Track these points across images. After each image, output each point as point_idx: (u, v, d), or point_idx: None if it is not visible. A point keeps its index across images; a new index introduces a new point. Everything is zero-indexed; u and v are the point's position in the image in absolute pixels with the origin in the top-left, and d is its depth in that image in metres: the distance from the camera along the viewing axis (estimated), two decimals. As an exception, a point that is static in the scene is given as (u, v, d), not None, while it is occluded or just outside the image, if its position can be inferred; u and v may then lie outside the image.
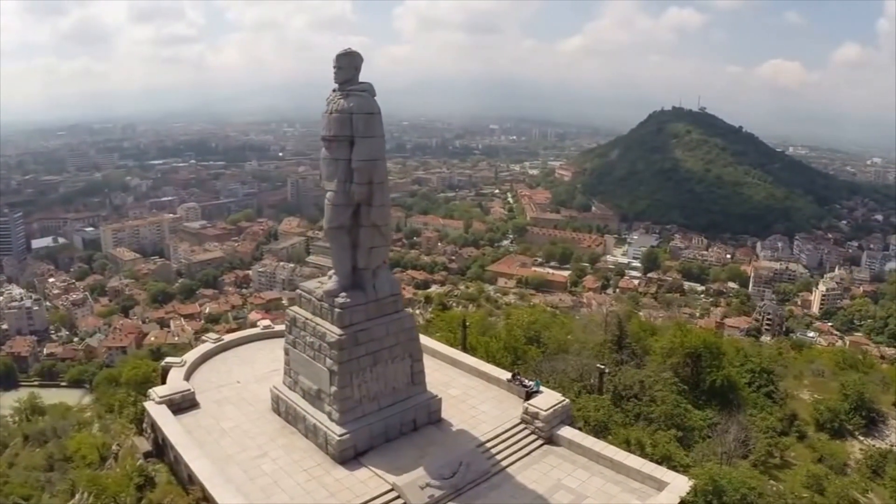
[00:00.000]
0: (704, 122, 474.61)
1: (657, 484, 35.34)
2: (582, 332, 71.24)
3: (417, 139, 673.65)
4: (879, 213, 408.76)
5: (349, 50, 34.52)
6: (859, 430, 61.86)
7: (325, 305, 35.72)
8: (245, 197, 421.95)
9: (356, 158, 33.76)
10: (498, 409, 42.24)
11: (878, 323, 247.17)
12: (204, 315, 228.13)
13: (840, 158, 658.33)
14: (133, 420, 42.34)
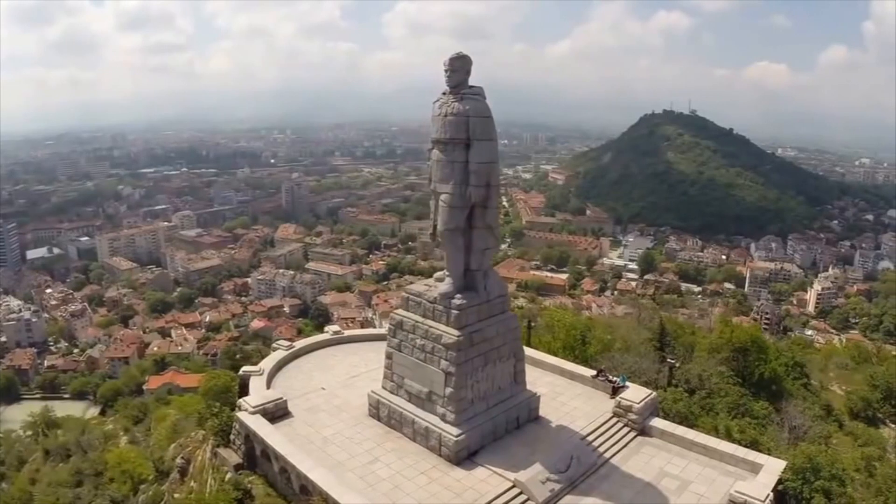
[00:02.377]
0: (695, 124, 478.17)
1: (751, 466, 36.66)
2: (626, 332, 73.15)
3: (408, 144, 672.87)
4: (870, 213, 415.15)
5: (461, 53, 34.73)
6: (890, 418, 64.33)
7: (438, 308, 35.99)
8: (239, 204, 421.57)
9: (475, 161, 34.08)
10: (588, 404, 43.18)
11: (874, 320, 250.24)
12: (205, 324, 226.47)
13: (829, 159, 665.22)
14: (217, 432, 41.62)
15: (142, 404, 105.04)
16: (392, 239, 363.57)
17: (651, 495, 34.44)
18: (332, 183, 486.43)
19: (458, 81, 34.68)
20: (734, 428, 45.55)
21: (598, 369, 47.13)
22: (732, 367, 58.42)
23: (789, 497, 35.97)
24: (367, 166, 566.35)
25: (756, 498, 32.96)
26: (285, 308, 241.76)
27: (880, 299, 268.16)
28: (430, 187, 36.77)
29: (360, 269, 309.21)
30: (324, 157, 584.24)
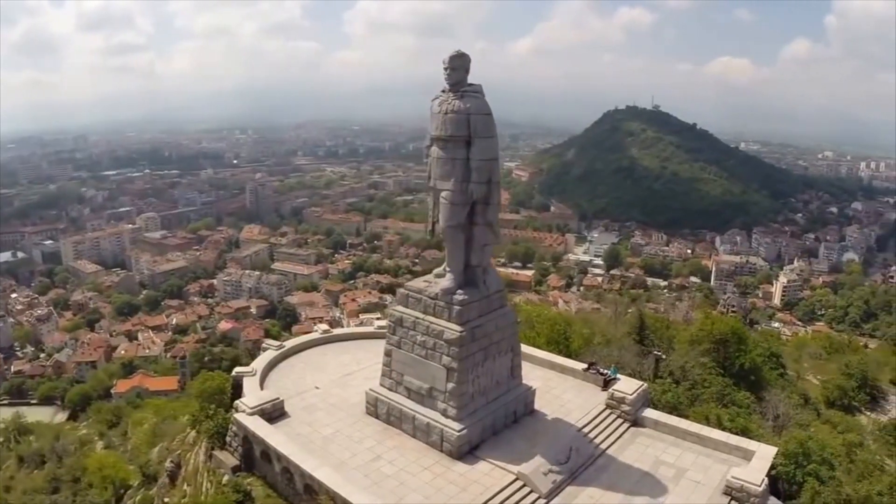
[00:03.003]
0: (659, 120, 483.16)
1: (743, 453, 37.86)
2: (604, 326, 74.27)
3: (370, 143, 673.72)
4: (834, 206, 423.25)
5: (461, 52, 34.87)
6: (864, 406, 66.24)
7: (439, 304, 36.20)
8: (203, 205, 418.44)
9: (476, 158, 34.36)
10: (580, 397, 43.93)
11: (839, 312, 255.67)
12: (171, 326, 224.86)
13: (792, 153, 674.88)
14: (213, 434, 41.15)
15: (115, 408, 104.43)
16: (357, 238, 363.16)
17: (650, 484, 35.24)
18: (295, 183, 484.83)
19: (458, 79, 34.87)
20: (724, 416, 46.76)
21: (588, 362, 47.90)
22: (713, 359, 59.46)
23: (782, 481, 37.04)
24: (330, 166, 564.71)
25: (752, 483, 34.12)
26: (252, 309, 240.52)
27: (845, 291, 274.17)
28: (429, 184, 36.92)
29: (326, 268, 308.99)
30: (286, 157, 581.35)
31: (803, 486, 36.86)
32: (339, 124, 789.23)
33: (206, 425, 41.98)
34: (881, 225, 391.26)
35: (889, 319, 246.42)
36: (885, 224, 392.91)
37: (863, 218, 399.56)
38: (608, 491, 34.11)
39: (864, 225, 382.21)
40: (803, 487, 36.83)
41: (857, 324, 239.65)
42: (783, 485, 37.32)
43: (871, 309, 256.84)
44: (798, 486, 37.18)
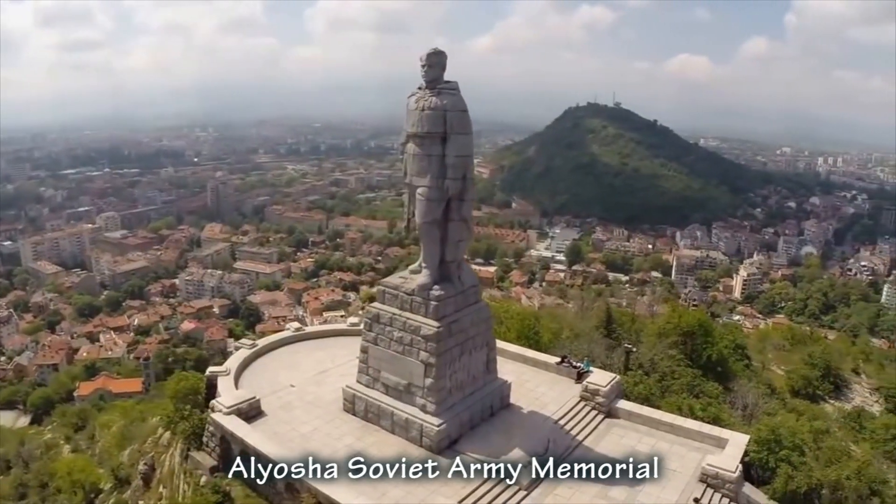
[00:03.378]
0: (619, 116, 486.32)
1: (717, 441, 39.03)
2: (572, 321, 75.03)
3: (331, 140, 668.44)
4: (792, 201, 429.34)
5: (438, 49, 35.18)
6: (828, 394, 67.83)
7: (416, 299, 36.37)
8: (164, 204, 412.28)
9: (452, 154, 34.60)
10: (554, 390, 44.51)
11: (798, 304, 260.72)
12: (133, 327, 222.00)
13: (751, 149, 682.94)
14: (189, 435, 40.80)
15: (81, 411, 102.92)
16: (319, 236, 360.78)
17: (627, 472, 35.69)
18: (256, 181, 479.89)
19: (435, 76, 35.15)
20: (697, 406, 47.66)
21: (561, 356, 48.50)
22: (681, 351, 60.33)
23: (755, 467, 38.04)
24: (291, 163, 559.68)
25: (727, 469, 35.30)
26: (215, 308, 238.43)
27: (804, 284, 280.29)
28: (405, 180, 37.27)
29: (289, 266, 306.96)
30: (247, 155, 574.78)
31: (776, 472, 37.77)
32: (299, 121, 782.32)
33: (181, 426, 41.61)
34: (839, 219, 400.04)
35: (847, 311, 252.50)
36: (842, 218, 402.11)
37: (820, 212, 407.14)
38: (586, 481, 34.54)
39: (821, 219, 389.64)
40: (777, 473, 37.73)
41: (817, 316, 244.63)
42: (756, 471, 38.25)
43: (829, 301, 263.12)
44: (771, 472, 38.10)
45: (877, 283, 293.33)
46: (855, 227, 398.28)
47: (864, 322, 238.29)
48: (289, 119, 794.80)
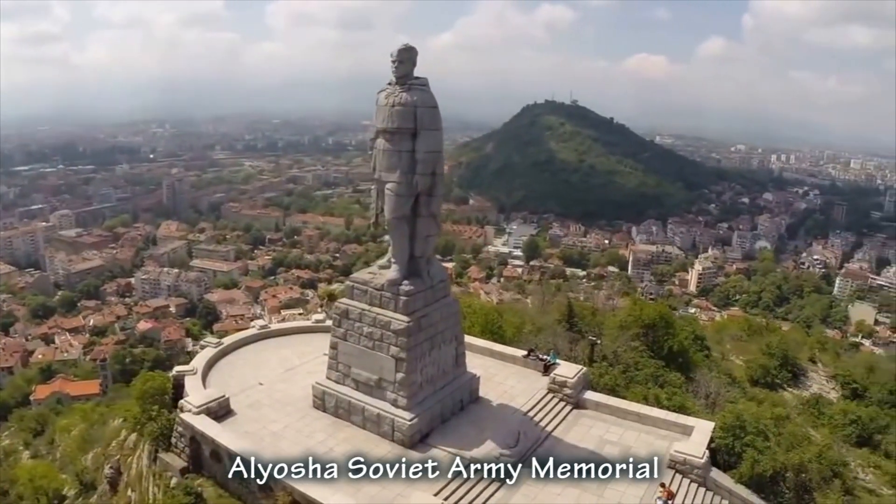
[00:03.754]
0: (577, 114, 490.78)
1: (683, 429, 40.02)
2: (534, 315, 75.71)
3: (289, 137, 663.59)
4: (746, 197, 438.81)
5: (409, 45, 35.30)
6: (787, 383, 69.40)
7: (385, 295, 36.52)
8: (119, 202, 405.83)
9: (422, 150, 34.87)
10: (522, 383, 44.96)
11: (753, 297, 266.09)
12: (89, 328, 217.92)
13: (705, 146, 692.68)
14: (157, 436, 40.09)
15: (39, 416, 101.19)
16: (276, 233, 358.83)
17: (597, 461, 36.04)
18: (213, 178, 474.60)
19: (405, 72, 35.25)
20: (662, 395, 48.64)
21: (528, 349, 49.08)
22: (643, 342, 61.19)
23: (721, 453, 39.03)
24: (248, 160, 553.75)
25: (694, 455, 36.35)
26: (171, 308, 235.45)
27: (759, 277, 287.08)
28: (374, 176, 37.36)
29: (246, 264, 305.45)
30: (204, 152, 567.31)
31: (742, 457, 38.75)
32: (257, 118, 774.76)
33: (149, 427, 40.99)
34: (791, 214, 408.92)
35: (800, 303, 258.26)
36: (795, 213, 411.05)
37: (774, 208, 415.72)
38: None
39: (775, 214, 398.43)
40: (742, 457, 38.71)
41: (771, 308, 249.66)
42: (723, 456, 39.21)
43: (783, 293, 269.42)
44: (737, 457, 39.10)
45: (829, 276, 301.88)
46: (807, 222, 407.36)
47: (816, 313, 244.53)
48: (247, 115, 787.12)
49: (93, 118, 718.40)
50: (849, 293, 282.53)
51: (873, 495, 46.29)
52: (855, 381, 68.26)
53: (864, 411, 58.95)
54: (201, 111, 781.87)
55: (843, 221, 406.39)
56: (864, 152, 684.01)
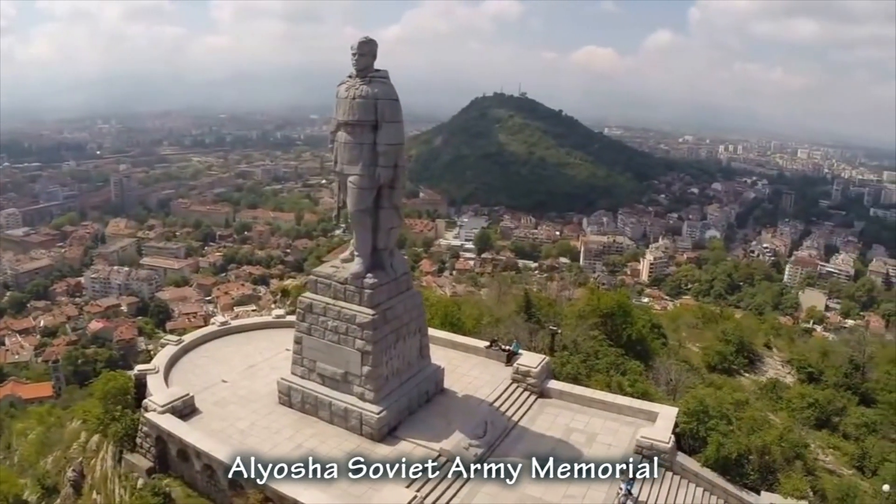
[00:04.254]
0: (525, 106, 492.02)
1: (647, 415, 40.91)
2: (491, 306, 76.16)
3: (237, 132, 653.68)
4: (695, 187, 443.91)
5: (369, 38, 35.30)
6: (743, 368, 70.90)
7: (349, 288, 36.47)
8: (66, 199, 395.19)
9: (383, 142, 34.86)
10: (486, 373, 45.39)
11: (704, 286, 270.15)
12: (40, 329, 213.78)
13: (653, 137, 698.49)
14: (122, 437, 39.25)
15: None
16: (227, 229, 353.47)
17: (565, 449, 37.14)
18: (161, 174, 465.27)
19: (366, 65, 35.27)
20: (625, 383, 49.30)
21: (490, 340, 49.47)
22: (602, 331, 61.86)
23: (686, 437, 39.74)
24: (196, 155, 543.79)
25: (660, 440, 37.16)
26: (123, 307, 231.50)
27: (709, 266, 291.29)
28: (335, 169, 37.09)
29: (197, 261, 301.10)
30: (151, 147, 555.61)
31: (707, 440, 39.47)
32: (204, 112, 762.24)
33: (113, 428, 40.16)
34: (740, 203, 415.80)
35: (752, 291, 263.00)
36: (743, 203, 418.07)
37: (723, 197, 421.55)
38: (527, 459, 34.57)
39: (724, 204, 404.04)
40: (707, 441, 39.42)
41: (722, 296, 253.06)
42: (688, 441, 39.89)
43: (734, 282, 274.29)
44: (701, 441, 39.84)
45: (779, 264, 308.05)
46: (756, 211, 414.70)
47: (768, 300, 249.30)
48: (194, 110, 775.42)
49: (37, 114, 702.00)
50: (799, 280, 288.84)
51: (834, 475, 47.75)
52: (810, 366, 69.75)
53: (820, 394, 60.46)
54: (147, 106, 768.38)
55: (792, 210, 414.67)
56: (810, 142, 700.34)
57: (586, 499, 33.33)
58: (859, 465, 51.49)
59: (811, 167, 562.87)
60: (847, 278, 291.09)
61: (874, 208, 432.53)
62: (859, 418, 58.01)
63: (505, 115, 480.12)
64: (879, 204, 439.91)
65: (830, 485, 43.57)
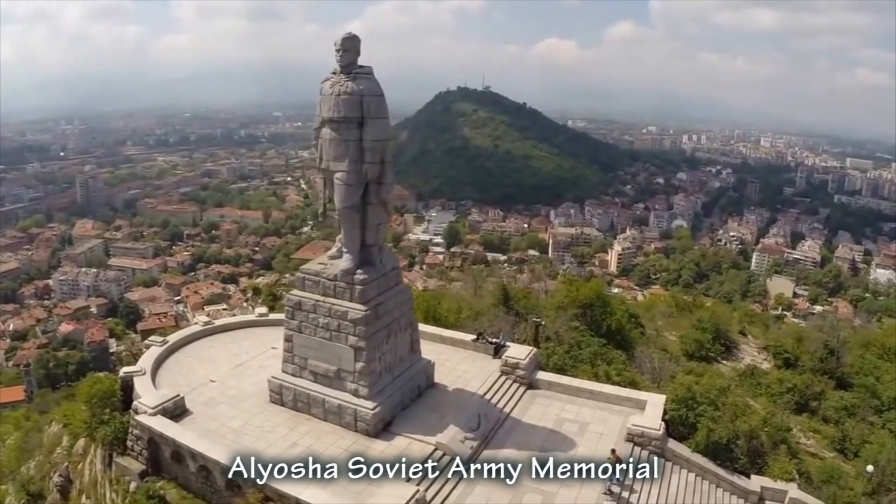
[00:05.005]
0: (489, 100, 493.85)
1: (636, 403, 41.62)
2: (470, 300, 76.59)
3: (201, 130, 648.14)
4: (660, 177, 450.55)
5: (352, 34, 35.40)
6: (720, 356, 71.97)
7: (340, 284, 36.44)
8: (31, 202, 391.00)
9: (369, 139, 34.85)
10: (475, 366, 45.63)
11: (673, 275, 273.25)
12: (9, 333, 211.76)
13: (617, 128, 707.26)
14: (112, 440, 38.56)
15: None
16: (194, 228, 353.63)
17: (557, 439, 37.62)
18: (126, 174, 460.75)
19: (350, 61, 35.26)
20: (612, 372, 49.86)
21: (477, 333, 49.79)
22: (582, 322, 62.41)
23: (675, 424, 40.51)
24: (161, 155, 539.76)
25: (651, 428, 37.89)
26: (92, 308, 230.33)
27: (677, 255, 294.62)
28: (320, 166, 37.05)
29: (165, 261, 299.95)
30: (116, 148, 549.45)
31: (697, 426, 40.19)
32: (168, 112, 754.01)
33: (102, 431, 39.57)
34: (706, 193, 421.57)
35: (720, 279, 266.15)
36: (709, 192, 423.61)
37: (688, 187, 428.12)
38: (521, 450, 35.82)
39: (689, 193, 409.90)
40: (697, 427, 40.15)
41: (691, 284, 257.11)
42: (676, 427, 40.59)
43: (702, 270, 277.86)
44: (690, 427, 40.59)
45: (746, 252, 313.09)
46: (722, 200, 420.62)
47: (736, 288, 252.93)
48: (157, 109, 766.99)
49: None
50: (766, 268, 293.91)
51: (816, 458, 48.88)
52: (786, 351, 70.58)
53: (798, 379, 61.31)
54: (110, 106, 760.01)
55: (757, 198, 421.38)
56: (772, 130, 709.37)
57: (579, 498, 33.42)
58: (840, 448, 52.50)
59: (774, 155, 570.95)
60: (814, 265, 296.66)
61: (838, 195, 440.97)
62: (838, 402, 58.94)
63: (469, 108, 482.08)
64: (843, 190, 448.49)
65: (814, 467, 44.72)
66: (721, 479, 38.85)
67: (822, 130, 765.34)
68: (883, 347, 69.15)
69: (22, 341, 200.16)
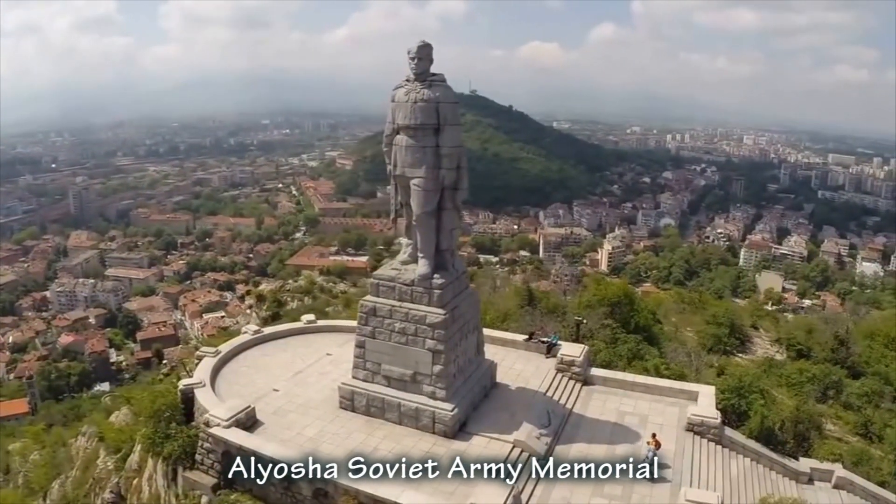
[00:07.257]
0: (476, 103, 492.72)
1: (689, 395, 43.54)
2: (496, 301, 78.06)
3: (190, 140, 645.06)
4: (646, 176, 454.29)
5: (426, 42, 36.28)
6: (736, 349, 74.25)
7: (416, 289, 37.07)
8: (25, 214, 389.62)
9: (446, 145, 35.73)
10: (531, 365, 47.06)
11: (663, 272, 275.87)
12: (9, 346, 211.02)
13: (602, 129, 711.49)
14: (179, 455, 37.79)
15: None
16: (188, 237, 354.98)
17: (623, 431, 39.36)
18: (118, 184, 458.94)
19: (424, 69, 36.21)
20: (661, 366, 51.87)
21: (529, 333, 51.22)
22: (615, 320, 64.31)
23: (729, 413, 42.89)
24: (152, 165, 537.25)
25: (710, 416, 39.99)
26: (91, 319, 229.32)
27: (666, 253, 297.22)
28: (395, 172, 37.54)
29: (161, 270, 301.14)
30: (107, 159, 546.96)
31: (749, 414, 42.59)
32: (157, 122, 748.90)
33: (168, 446, 38.61)
34: (692, 191, 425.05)
35: (710, 275, 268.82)
36: (695, 190, 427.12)
37: (674, 185, 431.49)
38: (592, 444, 37.50)
39: (676, 192, 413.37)
40: (749, 414, 42.53)
41: (681, 281, 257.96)
42: (728, 415, 42.68)
43: (692, 267, 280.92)
44: (741, 415, 43.08)
45: (734, 248, 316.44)
46: (707, 198, 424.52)
47: (727, 284, 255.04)
48: (146, 119, 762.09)
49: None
50: (754, 263, 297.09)
51: (842, 442, 51.19)
52: (799, 343, 73.02)
53: (816, 369, 63.65)
54: (99, 118, 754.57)
55: (742, 195, 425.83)
56: (755, 128, 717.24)
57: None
58: (863, 433, 55.02)
59: (758, 152, 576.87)
60: (801, 259, 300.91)
61: (822, 190, 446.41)
62: (859, 389, 61.40)
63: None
64: (826, 186, 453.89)
65: (844, 450, 47.12)
66: (774, 463, 41.01)
67: (803, 127, 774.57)
68: (887, 337, 71.74)
69: (22, 353, 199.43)
